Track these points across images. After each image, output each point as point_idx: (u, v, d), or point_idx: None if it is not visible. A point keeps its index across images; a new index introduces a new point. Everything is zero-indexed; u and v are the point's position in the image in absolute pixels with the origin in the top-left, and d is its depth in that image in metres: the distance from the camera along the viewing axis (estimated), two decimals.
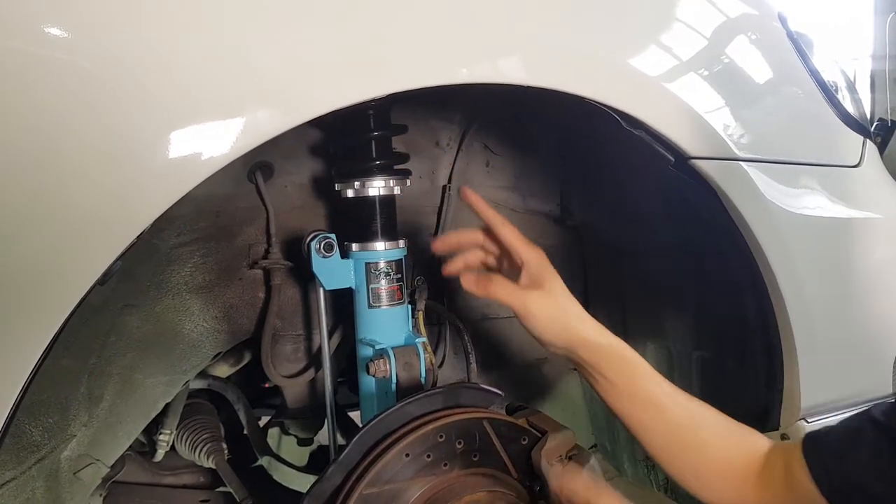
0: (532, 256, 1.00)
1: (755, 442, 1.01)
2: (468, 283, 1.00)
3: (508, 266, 1.04)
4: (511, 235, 1.01)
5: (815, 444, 0.91)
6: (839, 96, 1.26)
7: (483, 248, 1.07)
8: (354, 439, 0.87)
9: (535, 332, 0.99)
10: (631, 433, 1.04)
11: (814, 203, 1.14)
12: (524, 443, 0.93)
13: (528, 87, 0.86)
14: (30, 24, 0.65)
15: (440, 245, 1.08)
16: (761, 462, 0.97)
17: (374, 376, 1.04)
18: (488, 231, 1.05)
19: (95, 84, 0.66)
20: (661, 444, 1.01)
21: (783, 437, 1.15)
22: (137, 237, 0.66)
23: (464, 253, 1.07)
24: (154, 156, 0.67)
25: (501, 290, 0.98)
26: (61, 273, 0.65)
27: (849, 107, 1.27)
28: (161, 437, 1.30)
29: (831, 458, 0.88)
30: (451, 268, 1.07)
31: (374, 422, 0.88)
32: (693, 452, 1.00)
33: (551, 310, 0.98)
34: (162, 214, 0.69)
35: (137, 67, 0.68)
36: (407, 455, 0.86)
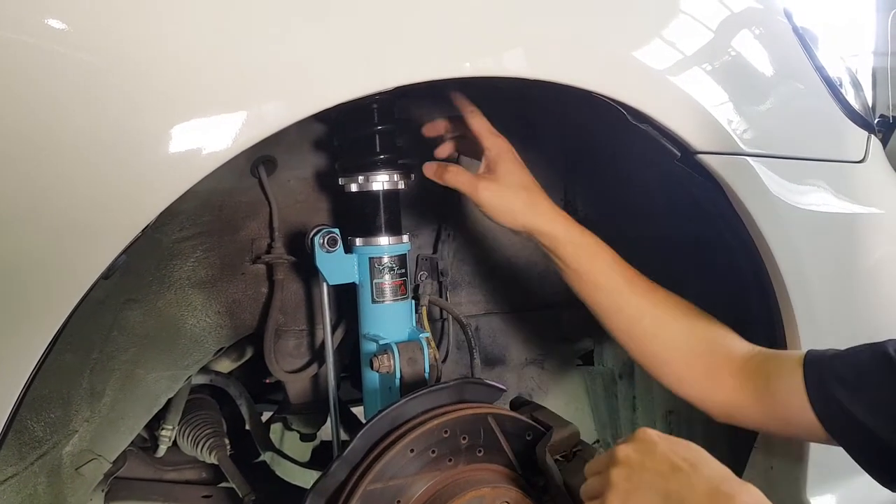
0: (493, 144, 1.04)
1: (728, 339, 1.02)
2: (428, 170, 1.06)
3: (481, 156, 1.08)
4: (478, 124, 1.05)
5: (818, 365, 0.92)
6: (843, 92, 1.26)
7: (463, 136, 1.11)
8: (359, 435, 0.87)
9: (491, 218, 1.03)
10: (598, 321, 1.07)
11: (818, 198, 1.14)
12: (528, 438, 0.93)
13: (537, 80, 0.85)
14: (31, 18, 0.64)
15: (429, 130, 1.13)
16: (737, 364, 0.98)
17: (377, 371, 1.04)
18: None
19: (99, 78, 0.66)
20: (626, 332, 1.04)
21: None
22: (142, 231, 0.66)
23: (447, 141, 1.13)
24: (159, 149, 0.67)
25: (455, 178, 1.03)
26: (65, 267, 0.64)
27: (853, 102, 1.27)
28: (163, 432, 1.30)
29: (833, 382, 0.89)
30: (436, 154, 1.12)
31: (378, 417, 0.88)
32: (658, 342, 1.02)
33: (501, 199, 1.01)
34: (165, 209, 0.69)
35: (143, 60, 0.67)
36: (411, 451, 0.86)
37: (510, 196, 1.02)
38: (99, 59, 0.66)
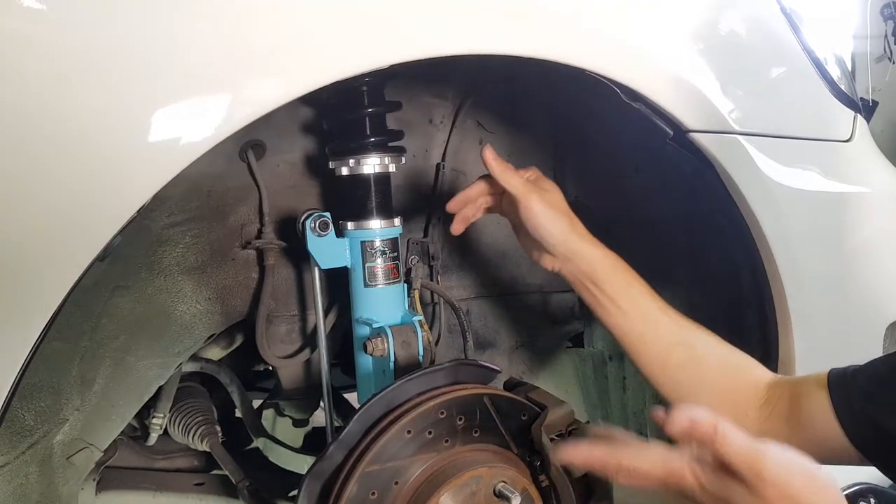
0: (535, 173, 1.07)
1: (754, 370, 1.01)
2: (489, 154, 1.03)
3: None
4: (514, 181, 1.03)
5: (842, 382, 0.91)
6: (830, 72, 1.26)
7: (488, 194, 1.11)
8: (355, 417, 0.86)
9: (533, 230, 1.02)
10: (626, 352, 1.05)
11: (807, 176, 1.15)
12: (524, 418, 0.93)
13: (531, 58, 0.85)
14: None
15: (454, 206, 1.11)
16: (762, 392, 0.98)
17: (371, 355, 1.04)
18: (491, 179, 1.07)
19: (89, 58, 0.65)
20: (656, 361, 1.03)
21: None
22: (137, 212, 0.65)
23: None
24: (150, 130, 0.66)
25: (512, 178, 1.02)
26: (59, 251, 0.63)
27: (839, 82, 1.28)
28: (154, 420, 1.29)
29: (858, 398, 0.88)
30: (456, 223, 1.12)
31: (374, 400, 0.88)
32: (688, 372, 1.01)
33: (549, 212, 1.02)
34: (155, 193, 0.68)
35: (131, 39, 0.66)
36: (408, 432, 0.86)
37: (558, 212, 1.02)
38: (87, 40, 0.65)
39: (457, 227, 1.11)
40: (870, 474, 1.24)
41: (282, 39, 0.72)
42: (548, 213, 1.01)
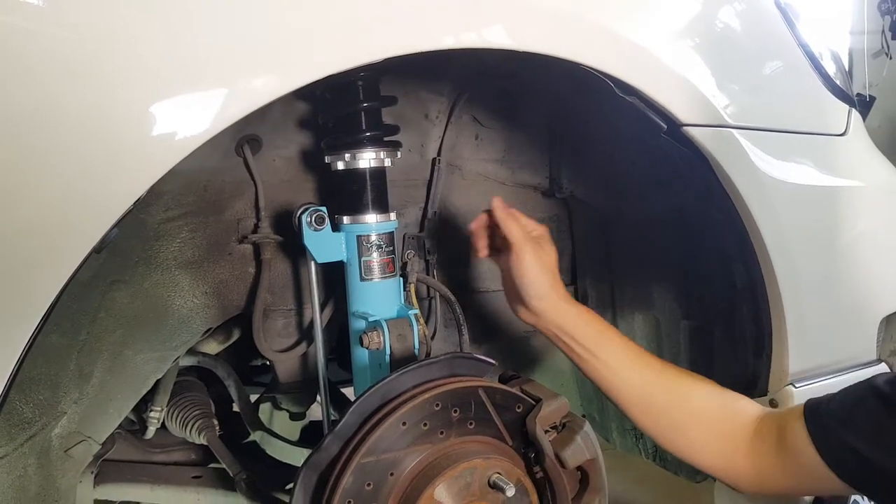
0: (537, 228, 1.12)
1: (743, 407, 1.02)
2: (498, 203, 1.09)
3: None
4: (514, 229, 1.07)
5: (817, 411, 0.93)
6: (824, 66, 1.27)
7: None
8: (351, 409, 0.87)
9: (523, 279, 1.05)
10: (611, 401, 1.08)
11: (802, 170, 1.15)
12: (519, 410, 0.94)
13: (528, 52, 0.85)
14: None
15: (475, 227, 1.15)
16: (752, 428, 0.99)
17: (367, 348, 1.05)
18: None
19: (84, 53, 0.65)
20: (639, 407, 1.05)
21: (772, 402, 1.17)
22: (133, 204, 0.65)
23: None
24: (147, 122, 0.66)
25: (514, 225, 1.06)
26: (54, 244, 0.64)
27: (834, 77, 1.28)
28: (151, 414, 1.30)
29: (832, 423, 0.90)
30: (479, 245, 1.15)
31: (369, 392, 0.89)
32: (672, 414, 1.03)
33: (539, 265, 1.06)
34: (149, 189, 0.68)
35: (127, 34, 0.66)
36: (403, 424, 0.86)
37: (545, 269, 1.07)
38: (78, 34, 0.65)
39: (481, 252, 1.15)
40: None
41: (276, 33, 0.73)
42: (536, 267, 1.05)
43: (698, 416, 1.02)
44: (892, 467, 0.85)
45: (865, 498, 1.07)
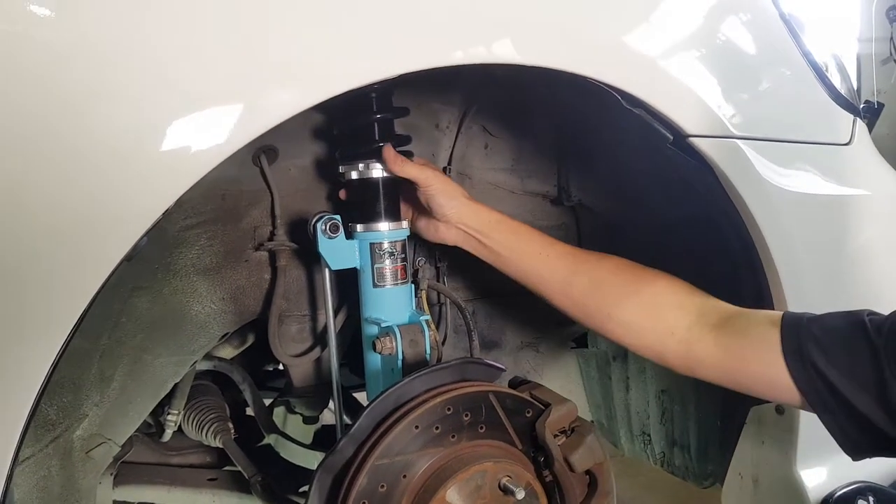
0: (431, 167, 1.16)
1: (681, 295, 1.05)
2: (388, 152, 1.10)
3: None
4: (409, 168, 1.11)
5: (796, 328, 0.93)
6: (829, 76, 1.29)
7: None
8: (365, 412, 0.89)
9: (436, 198, 1.11)
10: (535, 294, 1.13)
11: (807, 180, 1.17)
12: (528, 415, 0.96)
13: (535, 67, 0.88)
14: (38, 12, 0.66)
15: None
16: (694, 315, 1.01)
17: (380, 353, 1.07)
18: None
19: (116, 74, 0.68)
20: (561, 294, 1.10)
21: (778, 409, 1.19)
22: (163, 214, 0.68)
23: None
24: (175, 139, 0.69)
25: (412, 167, 1.10)
26: (90, 252, 0.67)
27: (839, 86, 1.30)
28: (169, 417, 1.32)
29: (811, 347, 0.91)
30: None
31: (383, 396, 0.91)
32: (594, 298, 1.07)
33: (450, 186, 1.13)
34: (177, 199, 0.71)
35: (155, 55, 0.69)
36: (416, 427, 0.88)
37: (449, 182, 1.14)
38: (111, 57, 0.68)
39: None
40: (869, 472, 1.27)
41: (296, 52, 0.76)
42: (441, 180, 1.12)
43: (622, 301, 1.05)
44: (861, 404, 0.87)
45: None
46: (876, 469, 1.28)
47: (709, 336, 0.99)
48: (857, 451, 0.92)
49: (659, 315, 1.03)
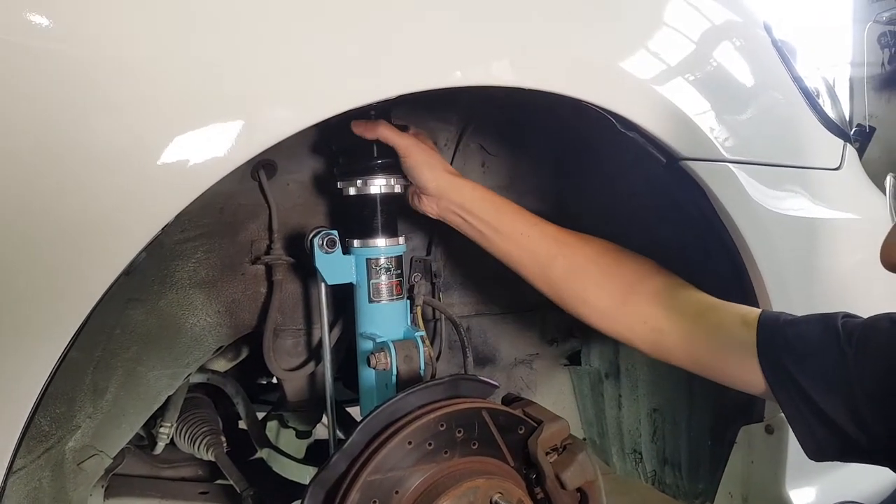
0: (410, 134, 1.13)
1: (657, 280, 1.07)
2: (357, 126, 1.09)
3: None
4: (387, 132, 1.09)
5: (772, 330, 0.96)
6: (821, 102, 1.31)
7: None
8: (358, 428, 0.90)
9: (417, 169, 1.09)
10: (518, 274, 1.13)
11: (797, 204, 1.19)
12: (521, 432, 0.97)
13: (527, 90, 0.90)
14: (51, 27, 0.67)
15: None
16: (666, 302, 1.04)
17: (374, 369, 1.07)
18: None
19: (117, 91, 0.69)
20: (540, 277, 1.11)
21: (767, 428, 1.20)
22: (161, 230, 0.69)
23: None
24: (176, 155, 0.70)
25: (389, 131, 1.08)
26: (90, 266, 0.68)
27: (830, 112, 1.32)
28: (162, 429, 1.32)
29: (784, 351, 0.94)
30: None
31: (376, 412, 0.91)
32: (571, 283, 1.08)
33: (430, 155, 1.11)
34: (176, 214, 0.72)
35: (158, 75, 0.71)
36: (409, 443, 0.89)
37: (433, 154, 1.12)
38: (111, 71, 0.69)
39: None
40: (858, 492, 1.27)
41: (296, 72, 0.77)
42: (424, 153, 1.10)
43: (597, 290, 1.07)
44: (829, 408, 0.89)
45: None
46: (864, 489, 1.29)
47: (682, 327, 1.02)
48: (819, 453, 0.94)
49: (633, 303, 1.05)
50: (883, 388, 0.86)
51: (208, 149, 0.73)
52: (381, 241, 1.13)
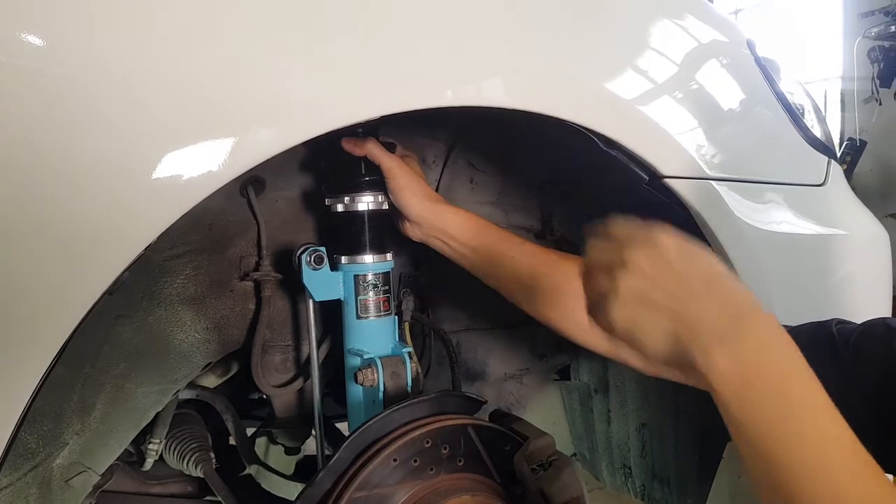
0: (397, 155, 1.14)
1: None
2: (347, 143, 1.11)
3: None
4: (376, 150, 1.10)
5: None
6: (805, 119, 1.33)
7: None
8: (344, 445, 0.90)
9: (402, 192, 1.11)
10: (498, 291, 1.14)
11: (781, 221, 1.20)
12: (507, 448, 0.97)
13: (512, 109, 0.91)
14: (38, 47, 0.68)
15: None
16: None
17: (362, 385, 1.08)
18: None
19: (102, 108, 0.70)
20: (525, 296, 1.11)
21: None
22: (145, 249, 0.70)
23: None
24: (161, 173, 0.71)
25: (377, 149, 1.10)
26: (72, 286, 0.68)
27: (815, 129, 1.34)
28: (150, 446, 1.32)
29: None
30: None
31: (362, 428, 0.92)
32: (554, 304, 1.08)
33: (414, 177, 1.12)
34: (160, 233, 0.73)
35: (142, 91, 0.71)
36: (395, 460, 0.89)
37: (418, 179, 1.13)
38: (98, 92, 0.70)
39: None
40: None
41: (283, 91, 0.78)
42: (408, 177, 1.11)
43: (577, 303, 1.06)
44: None
45: None
46: None
47: None
48: None
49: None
50: (880, 392, 0.86)
51: (196, 166, 0.73)
52: (368, 258, 1.14)
